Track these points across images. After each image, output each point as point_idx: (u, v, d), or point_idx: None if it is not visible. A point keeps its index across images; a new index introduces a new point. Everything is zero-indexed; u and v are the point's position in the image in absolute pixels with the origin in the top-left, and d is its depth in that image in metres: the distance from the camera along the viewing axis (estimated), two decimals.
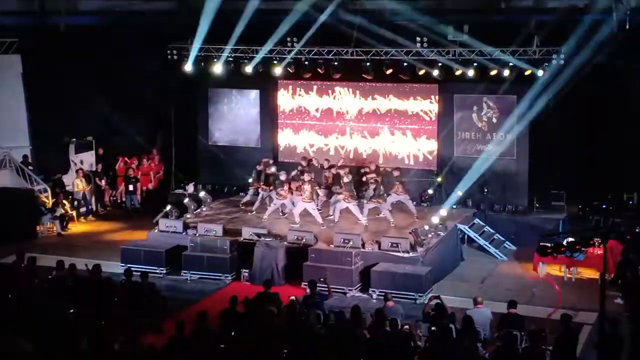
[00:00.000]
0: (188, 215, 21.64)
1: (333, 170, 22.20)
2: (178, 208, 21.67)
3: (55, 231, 23.27)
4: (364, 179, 21.81)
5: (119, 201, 26.37)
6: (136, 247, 20.11)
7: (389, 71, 22.48)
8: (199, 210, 22.27)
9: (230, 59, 23.73)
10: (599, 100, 21.83)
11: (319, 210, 21.17)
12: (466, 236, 21.52)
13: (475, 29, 21.72)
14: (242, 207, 22.39)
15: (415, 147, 23.56)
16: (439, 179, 23.04)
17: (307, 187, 20.78)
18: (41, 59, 24.83)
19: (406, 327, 14.04)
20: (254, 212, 21.89)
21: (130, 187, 25.32)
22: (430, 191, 23.07)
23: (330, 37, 22.83)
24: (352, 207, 20.66)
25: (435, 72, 22.06)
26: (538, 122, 22.15)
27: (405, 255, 18.69)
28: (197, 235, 20.09)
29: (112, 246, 21.25)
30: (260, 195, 22.03)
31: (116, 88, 25.58)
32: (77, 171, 25.04)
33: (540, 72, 21.04)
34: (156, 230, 20.99)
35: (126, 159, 26.34)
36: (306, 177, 20.97)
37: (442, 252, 19.71)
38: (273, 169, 22.26)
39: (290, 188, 21.27)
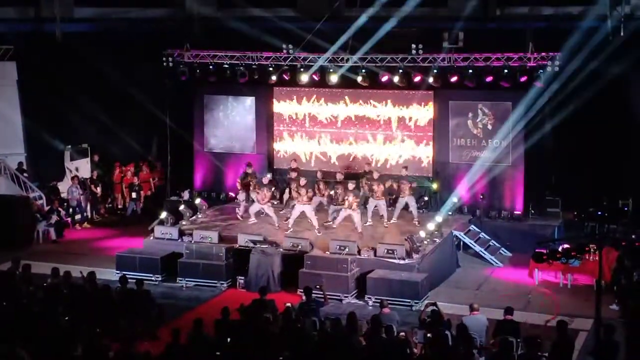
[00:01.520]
0: (183, 222, 21.63)
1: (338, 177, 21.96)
2: (173, 215, 21.65)
3: (51, 238, 23.21)
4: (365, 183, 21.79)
5: (115, 208, 26.34)
6: (131, 254, 20.08)
7: (384, 78, 22.50)
8: (194, 217, 22.26)
9: (226, 65, 23.78)
10: (594, 107, 21.87)
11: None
12: (462, 243, 21.51)
13: (470, 36, 21.77)
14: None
15: (410, 154, 23.58)
16: (435, 186, 23.04)
17: (302, 191, 20.78)
18: (37, 66, 24.85)
19: (402, 334, 14.03)
20: (242, 218, 21.90)
21: (134, 195, 25.31)
22: (425, 198, 23.08)
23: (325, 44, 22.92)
24: (354, 215, 20.56)
25: (431, 79, 22.10)
26: (533, 128, 22.21)
27: (401, 262, 18.68)
28: (193, 242, 20.07)
29: (108, 253, 21.22)
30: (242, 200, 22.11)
31: (112, 95, 25.59)
32: (72, 178, 25.03)
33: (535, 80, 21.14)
34: (151, 238, 20.96)
35: (122, 166, 26.30)
36: (302, 181, 20.99)
37: (438, 258, 19.70)
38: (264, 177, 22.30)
39: (272, 192, 21.46)
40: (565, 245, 15.74)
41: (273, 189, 22.26)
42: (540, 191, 22.81)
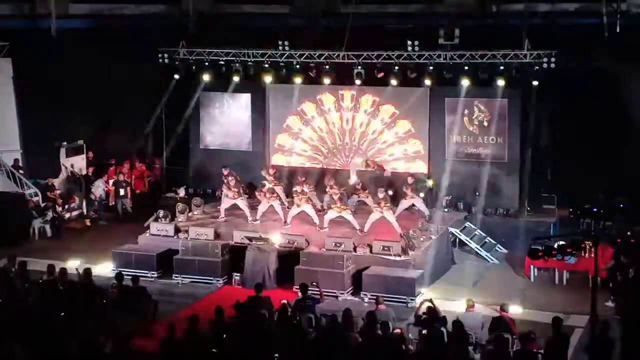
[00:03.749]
0: (179, 219, 21.61)
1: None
2: (169, 212, 21.63)
3: (47, 235, 23.17)
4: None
5: (110, 205, 26.26)
6: (127, 251, 20.08)
7: (380, 75, 22.49)
8: (190, 214, 22.23)
9: (222, 62, 23.74)
10: (589, 103, 21.90)
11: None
12: (457, 239, 21.52)
13: (466, 33, 21.77)
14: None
15: (406, 151, 23.58)
16: (430, 183, 23.04)
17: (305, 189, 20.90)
18: (32, 62, 24.77)
19: (397, 330, 14.04)
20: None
21: (122, 192, 25.21)
22: (421, 194, 23.05)
23: (321, 41, 22.91)
24: (389, 216, 20.29)
25: (427, 78, 22.08)
26: (529, 125, 22.22)
27: (397, 258, 18.69)
28: (189, 238, 20.06)
29: (104, 250, 21.18)
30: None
31: (107, 91, 25.54)
32: (68, 175, 25.02)
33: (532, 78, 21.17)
34: (147, 234, 20.94)
35: (117, 163, 26.25)
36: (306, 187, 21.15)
37: (433, 255, 19.70)
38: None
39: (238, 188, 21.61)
40: (561, 242, 15.76)
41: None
42: (536, 188, 22.82)
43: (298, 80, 23.41)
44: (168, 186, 25.49)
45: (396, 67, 22.20)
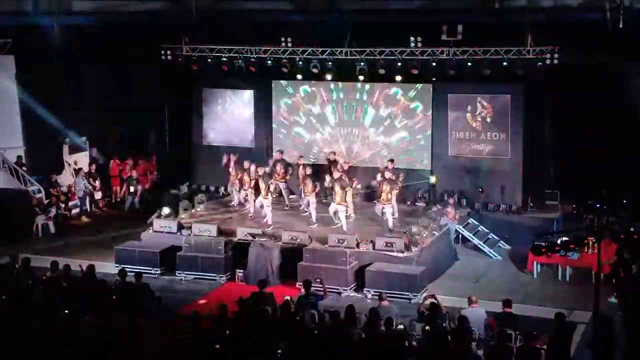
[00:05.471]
0: (182, 216, 21.62)
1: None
2: (172, 208, 21.64)
3: (50, 232, 23.20)
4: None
5: (113, 201, 26.32)
6: (130, 247, 20.09)
7: (383, 71, 22.48)
8: (193, 210, 22.25)
9: (225, 59, 23.73)
10: (592, 99, 21.86)
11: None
12: (461, 235, 21.53)
13: (469, 29, 21.75)
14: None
15: (409, 147, 23.58)
16: (433, 179, 23.04)
17: (308, 182, 20.84)
18: (35, 59, 24.78)
19: (400, 326, 14.05)
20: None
21: (132, 189, 25.27)
22: (424, 191, 23.09)
23: (324, 37, 22.89)
24: (387, 210, 20.24)
25: (430, 73, 22.06)
26: (532, 121, 22.19)
27: (400, 255, 18.69)
28: (192, 235, 20.07)
29: (106, 247, 21.21)
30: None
31: (110, 88, 25.54)
32: (78, 170, 25.10)
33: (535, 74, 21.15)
34: (150, 231, 20.95)
35: (120, 160, 26.29)
36: (308, 170, 21.05)
37: (436, 251, 19.72)
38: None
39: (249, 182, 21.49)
40: (564, 238, 15.74)
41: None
42: (539, 184, 22.82)
43: (300, 76, 23.42)
44: (171, 183, 25.49)
45: (399, 64, 22.20)
